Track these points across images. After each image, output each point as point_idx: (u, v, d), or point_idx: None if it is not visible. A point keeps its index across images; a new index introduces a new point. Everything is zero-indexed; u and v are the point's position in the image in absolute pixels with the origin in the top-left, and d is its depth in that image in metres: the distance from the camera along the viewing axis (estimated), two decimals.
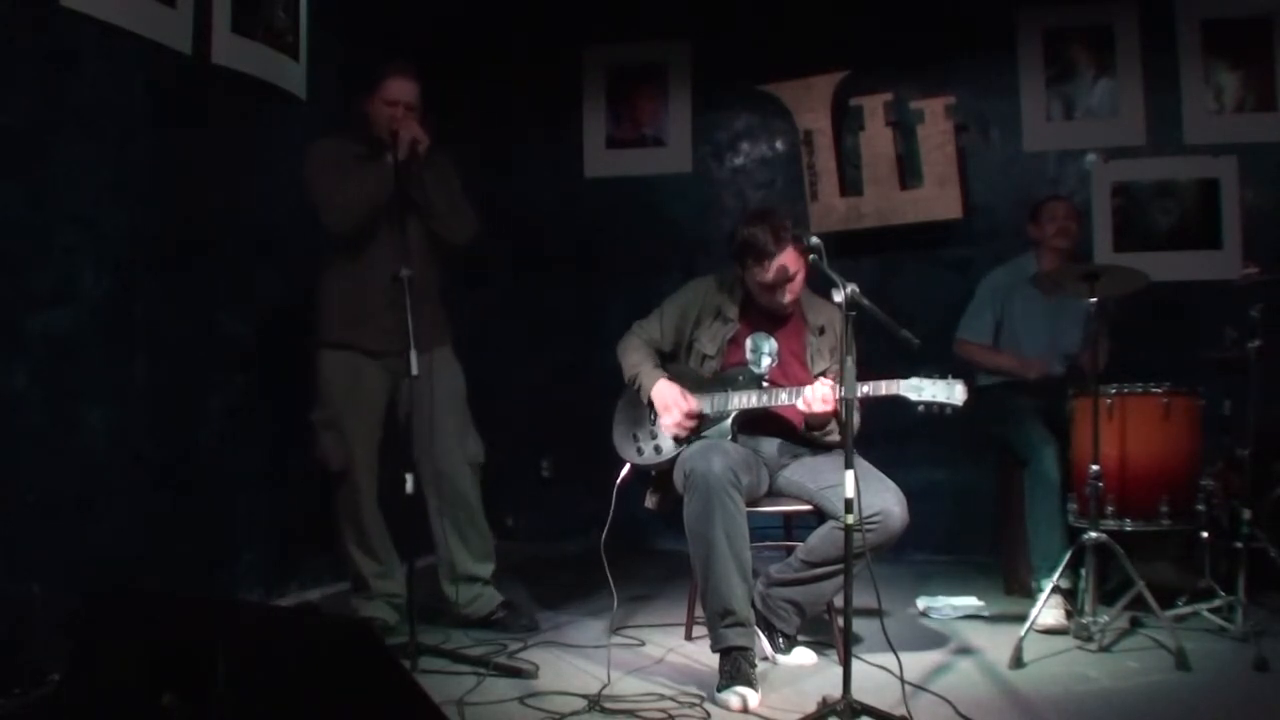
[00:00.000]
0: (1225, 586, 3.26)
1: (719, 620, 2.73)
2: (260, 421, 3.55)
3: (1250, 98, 4.53)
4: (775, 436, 3.08)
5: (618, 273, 5.11)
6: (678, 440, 3.00)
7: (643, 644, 3.23)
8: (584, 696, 2.65)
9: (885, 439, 3.26)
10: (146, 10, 3.09)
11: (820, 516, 2.92)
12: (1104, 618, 3.12)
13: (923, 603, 3.68)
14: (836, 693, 2.41)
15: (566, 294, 5.24)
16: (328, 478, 3.31)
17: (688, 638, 3.26)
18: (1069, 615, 3.30)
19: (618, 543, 2.99)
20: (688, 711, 2.57)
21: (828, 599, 2.93)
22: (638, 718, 2.52)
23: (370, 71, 3.27)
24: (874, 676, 2.75)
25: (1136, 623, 3.28)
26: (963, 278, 4.52)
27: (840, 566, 2.60)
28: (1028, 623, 3.05)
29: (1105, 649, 3.08)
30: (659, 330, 3.18)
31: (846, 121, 4.85)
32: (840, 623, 2.67)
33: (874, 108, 4.76)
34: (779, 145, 5.07)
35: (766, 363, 3.06)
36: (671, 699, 2.66)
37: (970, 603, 3.63)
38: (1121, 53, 4.64)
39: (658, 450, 3.06)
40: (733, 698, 2.59)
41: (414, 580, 2.98)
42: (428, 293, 3.28)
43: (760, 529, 3.00)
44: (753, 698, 2.59)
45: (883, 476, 2.84)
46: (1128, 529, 3.24)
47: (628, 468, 3.10)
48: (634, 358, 3.14)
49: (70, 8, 2.82)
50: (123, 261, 3.04)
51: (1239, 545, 3.21)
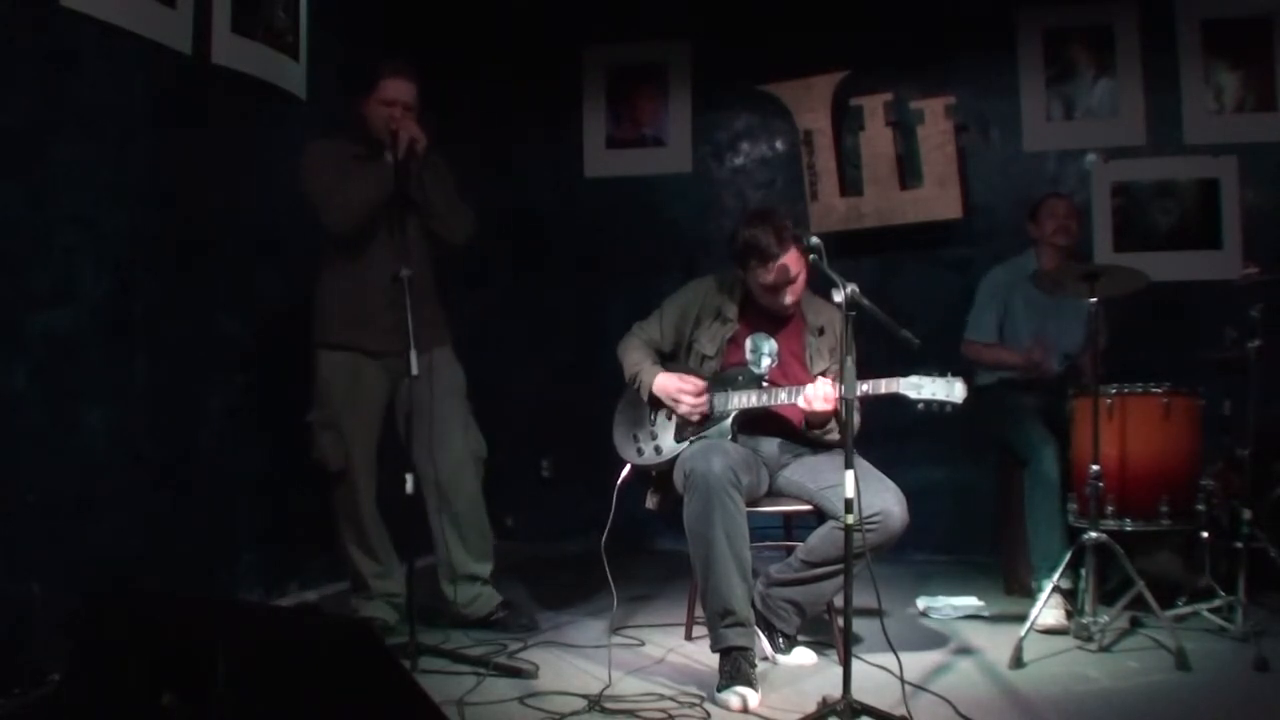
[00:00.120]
0: (1225, 586, 3.26)
1: (719, 620, 2.73)
2: (260, 422, 3.55)
3: (1250, 98, 4.53)
4: (775, 436, 3.08)
5: (618, 273, 5.11)
6: (680, 436, 3.00)
7: (643, 644, 3.23)
8: (584, 696, 2.65)
9: (885, 438, 3.26)
10: (146, 10, 3.09)
11: (820, 516, 2.92)
12: (1104, 618, 3.12)
13: (923, 603, 3.68)
14: (836, 693, 2.41)
15: (566, 294, 5.24)
16: (327, 478, 3.31)
17: (688, 638, 3.26)
18: (1069, 615, 3.29)
19: (618, 543, 2.99)
20: (688, 711, 2.56)
21: (828, 599, 2.94)
22: (638, 718, 2.52)
23: (369, 71, 3.27)
24: (874, 676, 2.74)
25: (1136, 623, 3.28)
26: (963, 277, 4.52)
27: (840, 566, 2.60)
28: (1028, 623, 3.05)
29: (1105, 649, 3.08)
30: (659, 331, 3.18)
31: (846, 121, 4.85)
32: (840, 623, 2.66)
33: (874, 108, 4.75)
34: (779, 145, 5.07)
35: (766, 363, 3.06)
36: (672, 699, 2.66)
37: (970, 603, 3.63)
38: (1121, 53, 4.64)
39: (658, 450, 3.06)
40: (733, 698, 2.59)
41: (414, 580, 2.98)
42: (427, 293, 3.29)
43: (760, 529, 3.00)
44: (753, 698, 2.59)
45: (883, 476, 2.84)
46: (1128, 529, 3.24)
47: (628, 468, 3.10)
48: (634, 357, 3.14)
49: (70, 8, 2.82)
50: (123, 261, 3.04)
51: (1239, 545, 3.21)
